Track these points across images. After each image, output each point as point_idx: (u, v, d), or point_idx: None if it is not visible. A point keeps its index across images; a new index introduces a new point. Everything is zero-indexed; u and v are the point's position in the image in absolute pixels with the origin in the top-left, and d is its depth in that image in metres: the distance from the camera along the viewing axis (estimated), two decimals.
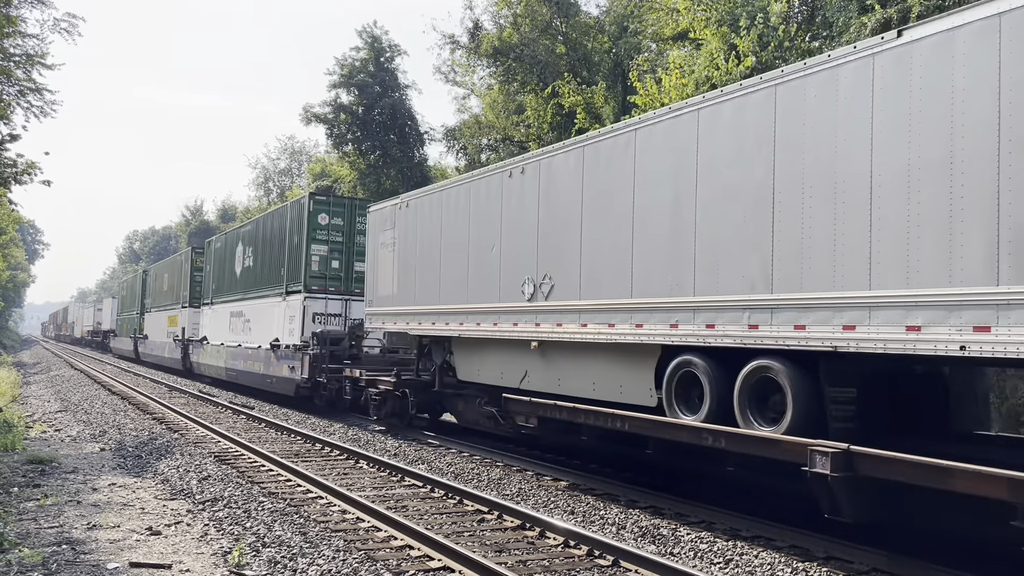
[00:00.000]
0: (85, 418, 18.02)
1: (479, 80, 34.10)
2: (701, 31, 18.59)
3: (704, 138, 8.66)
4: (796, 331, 7.52)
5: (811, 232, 7.42)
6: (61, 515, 8.66)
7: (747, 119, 8.16)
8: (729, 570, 7.09)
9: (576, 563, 7.13)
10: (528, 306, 11.41)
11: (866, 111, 7.02)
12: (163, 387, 26.70)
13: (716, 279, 8.39)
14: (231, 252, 25.88)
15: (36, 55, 19.05)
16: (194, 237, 74.44)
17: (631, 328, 9.50)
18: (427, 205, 14.50)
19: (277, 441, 14.73)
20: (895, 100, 6.80)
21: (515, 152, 29.43)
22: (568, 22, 28.86)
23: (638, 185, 9.54)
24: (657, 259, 9.16)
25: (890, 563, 6.98)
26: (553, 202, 11.10)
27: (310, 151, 59.03)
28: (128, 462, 12.27)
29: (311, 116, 35.77)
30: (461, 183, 13.64)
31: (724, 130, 8.42)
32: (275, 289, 21.23)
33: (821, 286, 7.33)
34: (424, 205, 14.60)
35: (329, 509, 9.15)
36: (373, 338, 18.93)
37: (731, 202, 8.26)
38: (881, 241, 6.80)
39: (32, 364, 45.86)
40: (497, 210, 12.29)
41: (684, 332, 8.74)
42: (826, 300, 7.26)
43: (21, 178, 16.66)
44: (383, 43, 35.83)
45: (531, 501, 9.77)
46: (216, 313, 27.19)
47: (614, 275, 9.83)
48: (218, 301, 27.09)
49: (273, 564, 6.90)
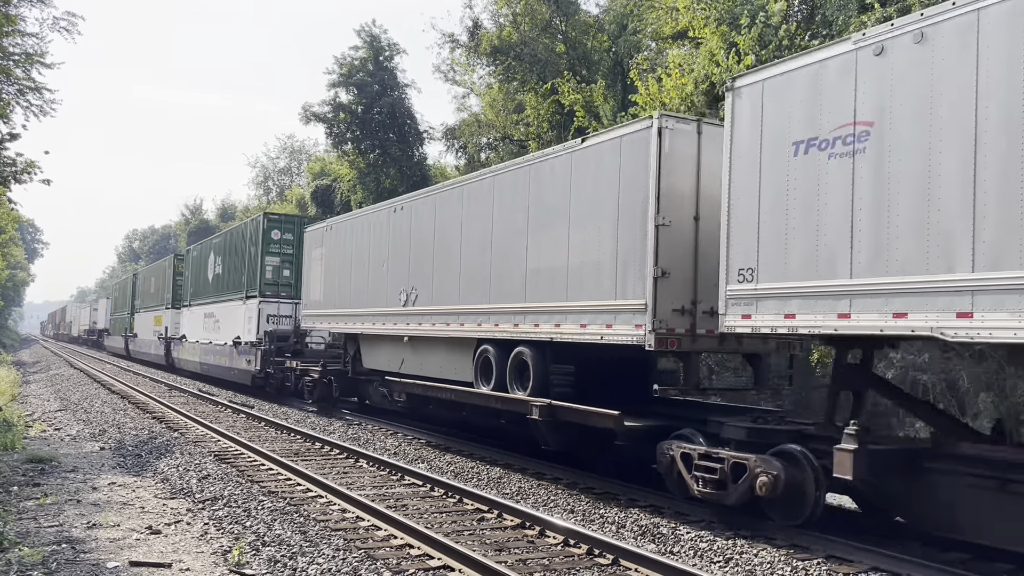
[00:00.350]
0: (85, 417, 18.02)
1: (479, 79, 34.07)
2: (701, 30, 18.58)
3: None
4: (535, 328, 11.34)
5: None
6: (61, 514, 8.66)
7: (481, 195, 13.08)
8: (729, 569, 7.09)
9: (576, 562, 7.13)
10: (403, 310, 15.06)
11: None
12: (162, 386, 26.69)
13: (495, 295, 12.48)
14: (205, 260, 28.84)
15: (35, 54, 19.03)
16: (193, 236, 74.31)
17: (457, 327, 13.31)
18: (345, 229, 18.22)
19: (277, 440, 14.73)
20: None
21: (515, 151, 29.40)
22: (568, 21, 28.82)
23: (464, 222, 13.39)
24: (475, 277, 12.95)
25: (890, 563, 6.98)
26: (416, 234, 14.97)
27: (309, 150, 59.05)
28: (128, 461, 12.27)
29: (310, 115, 35.69)
30: (365, 214, 17.95)
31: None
32: (238, 294, 24.34)
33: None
34: (343, 229, 18.32)
35: (329, 508, 9.16)
36: (319, 335, 21.85)
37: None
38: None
39: (32, 363, 45.85)
40: (388, 236, 16.07)
41: (484, 329, 12.56)
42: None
43: (20, 177, 16.62)
44: (382, 42, 35.72)
45: (531, 500, 9.78)
46: (193, 314, 30.17)
47: (451, 287, 13.59)
48: (195, 303, 30.06)
49: (273, 563, 6.90)
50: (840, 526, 7.88)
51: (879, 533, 7.76)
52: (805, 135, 7.66)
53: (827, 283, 7.37)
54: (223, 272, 26.32)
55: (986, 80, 6.27)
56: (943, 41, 6.61)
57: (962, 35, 6.46)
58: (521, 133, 30.28)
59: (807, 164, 7.60)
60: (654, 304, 9.27)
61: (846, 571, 6.93)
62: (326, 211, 38.76)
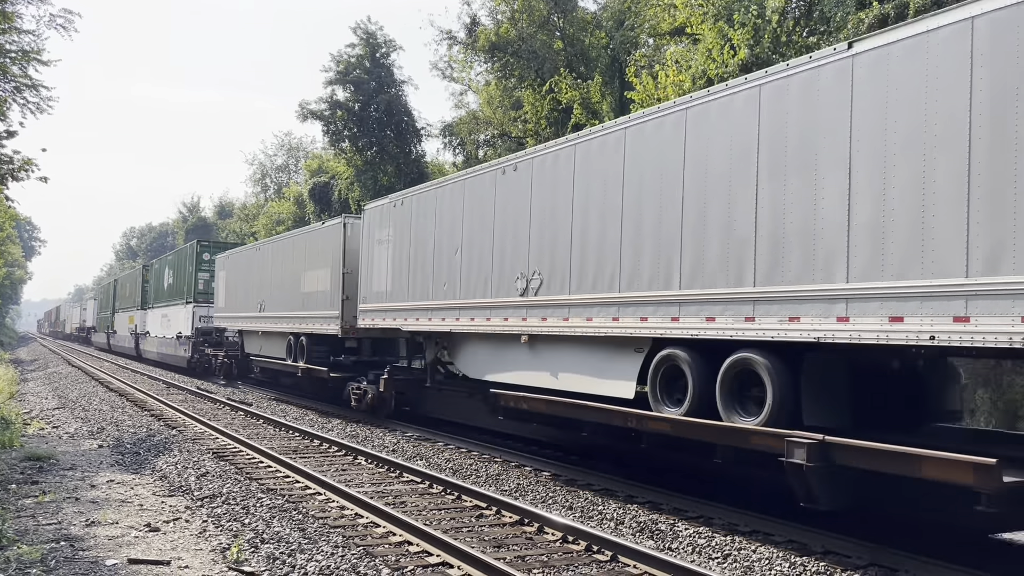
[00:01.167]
0: (83, 415, 18.00)
1: (476, 76, 34.07)
2: (698, 26, 18.58)
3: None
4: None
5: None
6: (59, 512, 8.66)
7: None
8: (727, 565, 7.10)
9: (575, 558, 7.14)
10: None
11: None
12: (160, 384, 26.70)
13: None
14: (163, 272, 36.80)
15: (32, 51, 18.96)
16: (191, 233, 74.28)
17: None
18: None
19: (275, 437, 14.73)
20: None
21: (513, 148, 29.39)
22: (565, 17, 28.81)
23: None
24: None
25: (888, 558, 6.99)
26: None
27: (307, 147, 58.96)
28: (126, 459, 12.27)
29: (307, 113, 35.66)
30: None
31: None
32: (182, 300, 32.10)
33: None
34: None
35: (328, 505, 9.16)
36: (232, 332, 27.42)
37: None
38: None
39: (29, 361, 45.79)
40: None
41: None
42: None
43: (18, 175, 16.56)
44: (378, 39, 35.68)
45: (529, 496, 9.79)
46: (154, 314, 37.81)
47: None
48: (156, 306, 37.53)
49: (272, 560, 6.90)
50: (838, 523, 7.89)
51: (877, 529, 7.77)
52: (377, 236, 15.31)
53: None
54: (173, 282, 34.05)
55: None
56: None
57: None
58: (519, 130, 30.28)
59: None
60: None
61: (844, 567, 6.94)
62: (324, 208, 38.77)
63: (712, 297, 8.48)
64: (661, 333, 9.16)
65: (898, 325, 6.74)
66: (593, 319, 10.16)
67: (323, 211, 38.48)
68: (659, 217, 9.22)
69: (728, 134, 8.41)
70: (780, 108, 7.88)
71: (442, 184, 14.55)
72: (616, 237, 9.87)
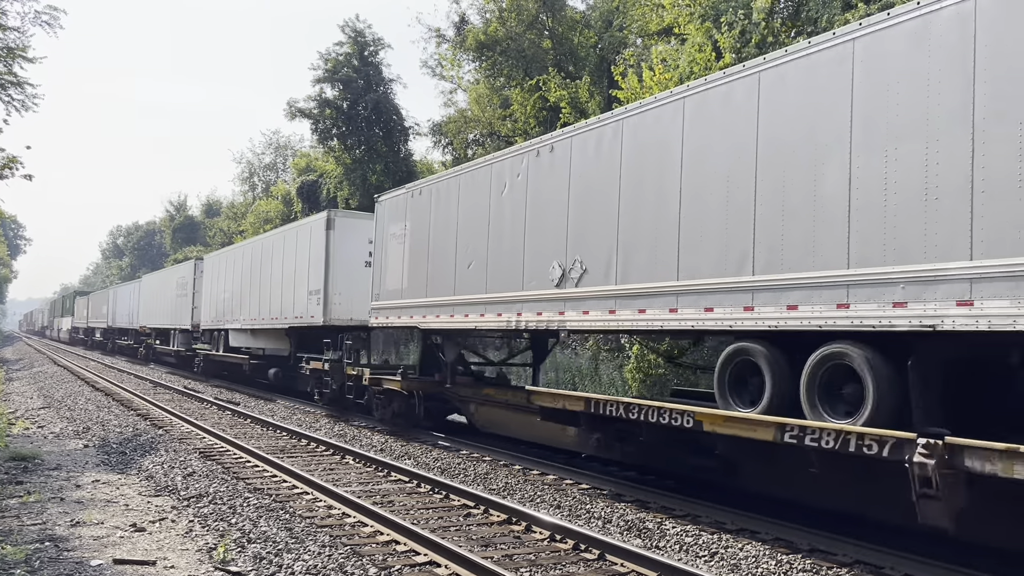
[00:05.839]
0: (68, 415, 17.88)
1: (465, 74, 34.02)
2: (686, 26, 18.61)
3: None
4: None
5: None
6: (44, 512, 8.60)
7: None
8: (714, 563, 7.12)
9: (562, 557, 7.15)
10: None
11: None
12: (147, 383, 26.55)
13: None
14: (73, 300, 69.10)
15: (17, 48, 18.82)
16: (178, 232, 73.95)
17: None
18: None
19: (263, 437, 14.67)
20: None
21: (502, 147, 29.37)
22: (554, 16, 28.81)
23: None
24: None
25: (873, 556, 7.03)
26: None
27: (295, 146, 58.74)
28: (112, 459, 12.19)
29: (295, 111, 35.51)
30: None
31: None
32: (71, 315, 64.89)
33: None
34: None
35: (315, 505, 9.14)
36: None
37: None
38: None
39: (15, 360, 45.45)
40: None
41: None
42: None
43: (2, 173, 16.45)
44: (367, 37, 35.56)
45: (517, 496, 9.79)
46: (66, 320, 71.27)
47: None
48: (66, 316, 71.45)
49: (259, 560, 6.87)
50: (826, 520, 7.93)
51: (862, 527, 7.81)
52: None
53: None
54: (70, 306, 69.07)
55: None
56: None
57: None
58: (508, 129, 30.26)
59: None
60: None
61: (830, 564, 6.98)
62: (312, 207, 38.59)
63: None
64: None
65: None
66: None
67: (311, 209, 38.32)
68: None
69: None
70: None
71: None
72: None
